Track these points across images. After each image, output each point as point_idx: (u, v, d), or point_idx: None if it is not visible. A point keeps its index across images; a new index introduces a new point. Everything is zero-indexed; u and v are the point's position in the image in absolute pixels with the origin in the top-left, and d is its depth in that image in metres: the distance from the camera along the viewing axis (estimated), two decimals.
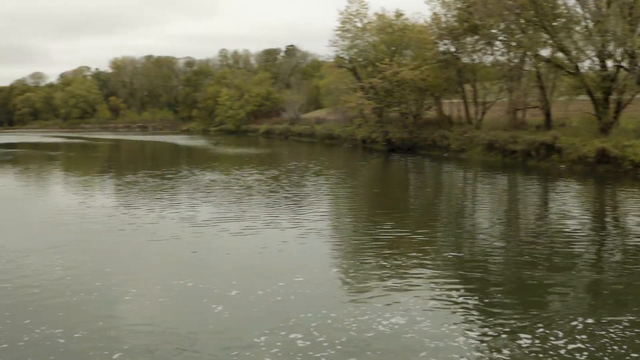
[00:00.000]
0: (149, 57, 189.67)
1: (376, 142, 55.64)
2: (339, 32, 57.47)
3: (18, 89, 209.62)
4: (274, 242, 15.82)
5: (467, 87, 52.16)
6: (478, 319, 10.12)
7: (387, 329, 9.56)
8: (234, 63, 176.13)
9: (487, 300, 11.04)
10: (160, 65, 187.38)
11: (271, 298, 11.07)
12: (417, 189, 29.11)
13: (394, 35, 55.69)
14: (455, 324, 9.85)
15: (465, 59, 52.05)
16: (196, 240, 16.14)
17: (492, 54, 49.47)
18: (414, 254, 14.35)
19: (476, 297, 11.19)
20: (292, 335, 9.32)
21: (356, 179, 31.63)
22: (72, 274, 12.80)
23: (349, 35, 57.46)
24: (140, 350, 8.93)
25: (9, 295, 11.48)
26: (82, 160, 51.44)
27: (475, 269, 13.07)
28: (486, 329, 9.63)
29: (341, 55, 59.75)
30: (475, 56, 51.25)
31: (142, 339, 9.33)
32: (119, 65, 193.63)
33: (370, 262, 13.86)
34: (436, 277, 12.51)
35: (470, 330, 9.58)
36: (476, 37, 48.53)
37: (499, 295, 11.43)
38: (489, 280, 12.42)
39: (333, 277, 12.68)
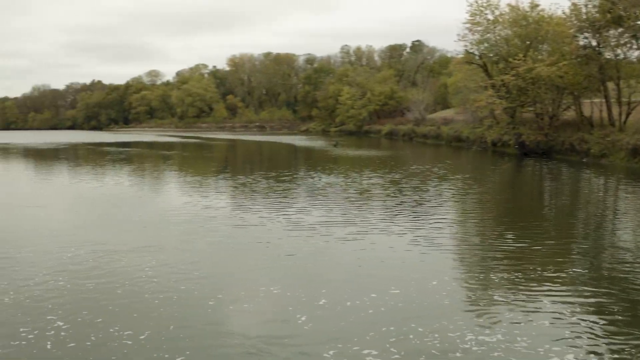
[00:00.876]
0: (267, 54, 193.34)
1: (507, 145, 54.53)
2: (468, 26, 56.62)
3: (134, 87, 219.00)
4: (379, 249, 15.68)
5: (610, 85, 50.07)
6: (590, 344, 9.43)
7: (476, 347, 9.24)
8: (356, 60, 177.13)
9: (605, 324, 10.29)
10: (280, 63, 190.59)
11: (359, 311, 10.88)
12: (550, 197, 28.34)
13: (529, 28, 54.34)
14: (560, 347, 9.27)
15: (608, 54, 50.03)
16: (297, 245, 16.30)
17: (638, 48, 47.64)
18: (534, 267, 13.73)
19: (595, 319, 10.47)
20: (365, 351, 9.15)
21: (483, 185, 31.16)
22: (159, 275, 13.21)
23: (479, 28, 56.53)
24: (202, 355, 9.14)
25: (89, 292, 12.01)
26: (196, 160, 53.23)
27: (604, 288, 12.23)
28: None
29: (470, 51, 58.93)
30: (619, 51, 49.13)
31: (208, 343, 9.56)
32: (237, 63, 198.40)
33: (478, 275, 13.39)
34: (554, 295, 11.82)
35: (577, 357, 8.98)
36: (620, 29, 46.62)
37: (623, 318, 10.59)
38: (616, 302, 11.50)
39: (432, 289, 12.23)
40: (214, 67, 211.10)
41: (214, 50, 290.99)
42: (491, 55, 57.53)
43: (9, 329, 10.20)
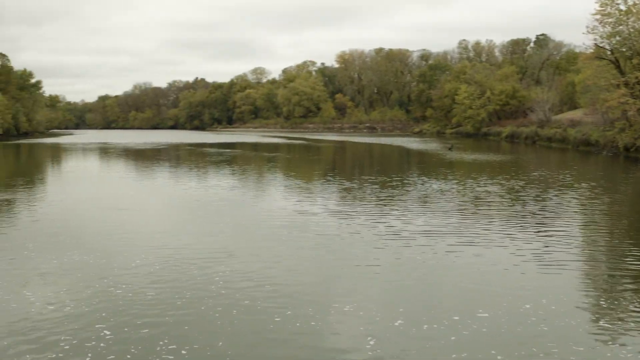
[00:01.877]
0: (379, 50, 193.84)
1: None
2: (598, 17, 55.05)
3: (238, 85, 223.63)
4: (477, 265, 14.97)
5: None
6: None
7: None
8: (475, 56, 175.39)
9: None
10: (392, 59, 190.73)
11: (433, 337, 10.22)
12: None
13: None
14: None
15: None
16: (384, 255, 15.92)
17: None
18: None
19: None
20: None
21: (613, 195, 29.99)
22: (227, 286, 13.10)
23: (610, 20, 54.80)
24: None
25: (146, 302, 12.01)
26: (299, 163, 53.64)
27: None
28: None
29: (601, 45, 57.23)
30: None
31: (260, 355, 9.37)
32: (347, 60, 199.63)
33: (606, 298, 12.38)
34: None
35: None
36: None
37: None
38: None
39: (549, 313, 11.36)
40: (322, 64, 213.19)
41: (323, 47, 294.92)
42: (624, 49, 55.67)
43: (52, 336, 10.25)
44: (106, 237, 18.50)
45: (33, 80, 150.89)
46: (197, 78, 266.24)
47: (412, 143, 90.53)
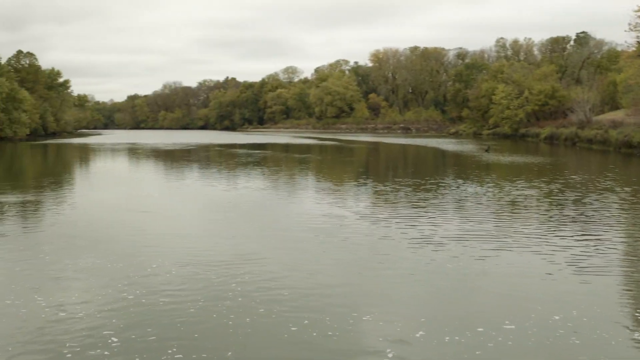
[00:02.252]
0: (414, 49, 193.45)
1: None
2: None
3: (269, 84, 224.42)
4: (510, 272, 14.57)
5: None
6: None
7: None
8: (513, 54, 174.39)
9: None
10: (427, 58, 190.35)
11: (454, 351, 9.89)
12: None
13: None
14: None
15: None
16: (412, 262, 15.58)
17: None
18: None
19: None
20: None
21: None
22: (243, 293, 12.87)
23: None
24: None
25: (157, 309, 11.81)
26: (331, 165, 53.37)
27: None
28: None
29: None
30: None
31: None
32: (380, 59, 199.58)
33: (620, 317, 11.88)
34: None
35: None
36: None
37: None
38: None
39: (555, 325, 10.95)
40: (356, 63, 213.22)
41: (356, 45, 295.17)
42: None
43: (55, 344, 10.11)
44: (125, 241, 18.40)
45: (61, 80, 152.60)
46: (227, 77, 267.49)
47: (447, 144, 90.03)
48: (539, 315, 11.46)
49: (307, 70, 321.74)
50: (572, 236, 18.99)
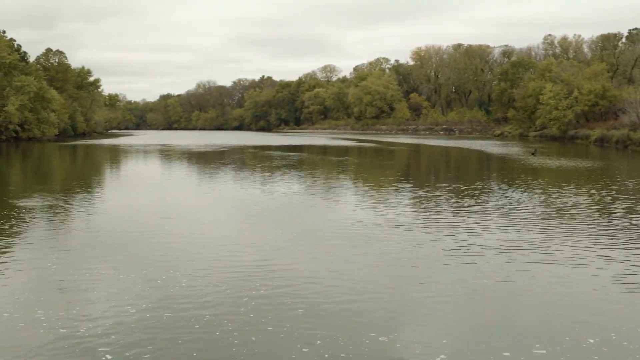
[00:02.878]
0: (457, 47, 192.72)
1: None
2: None
3: (307, 84, 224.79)
4: (549, 288, 13.99)
5: None
6: None
7: None
8: (561, 52, 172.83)
9: None
10: (471, 56, 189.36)
11: None
12: None
13: None
14: None
15: None
16: (445, 274, 15.17)
17: None
18: None
19: None
20: None
21: None
22: (255, 309, 12.53)
23: None
24: None
25: (161, 325, 11.55)
26: (369, 169, 52.97)
27: None
28: None
29: None
30: None
31: None
32: (422, 57, 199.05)
33: None
34: None
35: None
36: None
37: None
38: None
39: (588, 350, 10.43)
40: (396, 61, 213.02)
41: (396, 43, 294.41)
42: None
43: None
44: (142, 249, 18.13)
45: (91, 79, 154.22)
46: (263, 76, 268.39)
47: (492, 147, 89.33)
48: (574, 338, 10.95)
49: (345, 69, 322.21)
50: (623, 249, 18.43)
